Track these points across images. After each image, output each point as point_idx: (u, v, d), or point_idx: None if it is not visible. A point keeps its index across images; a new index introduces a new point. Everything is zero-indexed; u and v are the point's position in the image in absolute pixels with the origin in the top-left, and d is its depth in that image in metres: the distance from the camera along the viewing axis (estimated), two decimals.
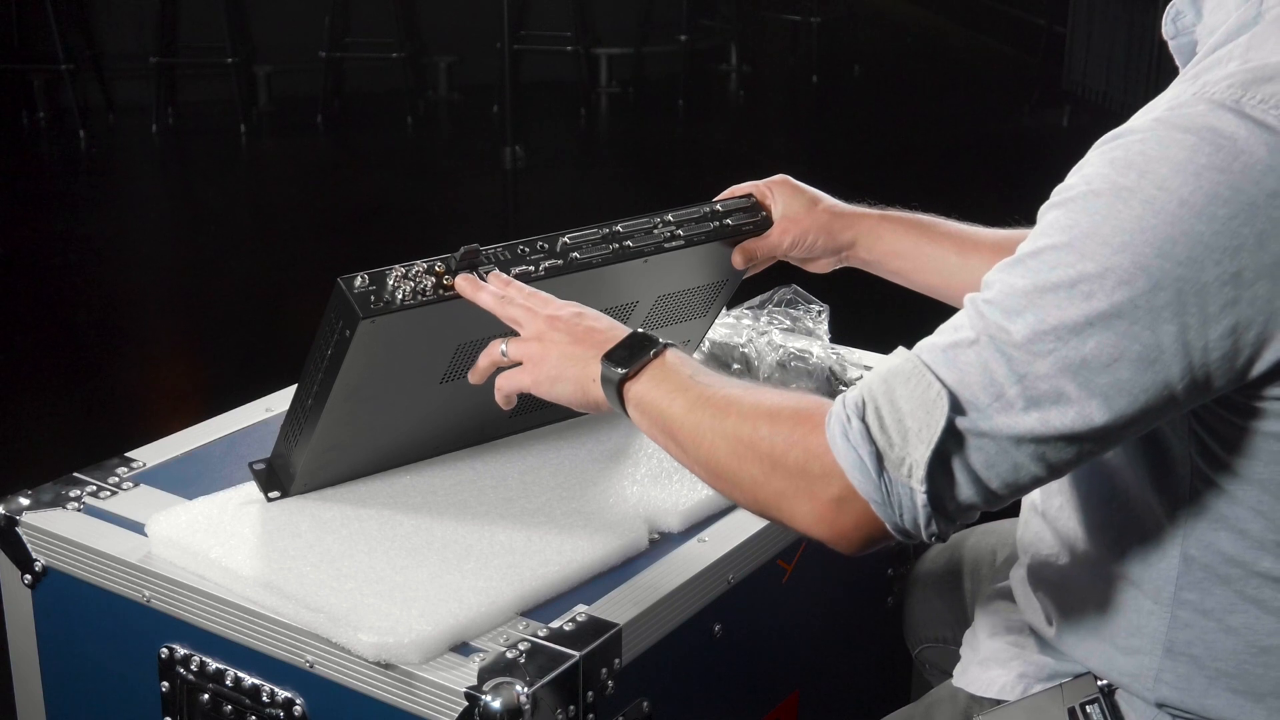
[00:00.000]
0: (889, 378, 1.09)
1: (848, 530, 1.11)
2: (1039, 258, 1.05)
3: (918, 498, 1.06)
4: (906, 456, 1.06)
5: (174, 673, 1.40)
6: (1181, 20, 1.19)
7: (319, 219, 5.68)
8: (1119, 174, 1.02)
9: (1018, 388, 1.03)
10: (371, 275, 1.32)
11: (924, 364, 1.07)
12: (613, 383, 1.25)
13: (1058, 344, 1.02)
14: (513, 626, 1.29)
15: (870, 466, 1.07)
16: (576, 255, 1.45)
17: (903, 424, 1.06)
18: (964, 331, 1.07)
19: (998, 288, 1.07)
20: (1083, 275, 1.02)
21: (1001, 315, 1.05)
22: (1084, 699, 1.24)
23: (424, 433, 1.53)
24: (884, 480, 1.07)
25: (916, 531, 1.09)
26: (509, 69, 6.17)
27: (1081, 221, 1.03)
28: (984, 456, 1.05)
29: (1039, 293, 1.03)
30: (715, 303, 1.69)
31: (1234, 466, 1.10)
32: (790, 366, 1.81)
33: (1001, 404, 1.04)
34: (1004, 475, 1.06)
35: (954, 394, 1.05)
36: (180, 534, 1.40)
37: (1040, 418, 1.03)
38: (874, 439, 1.07)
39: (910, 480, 1.06)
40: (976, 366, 1.05)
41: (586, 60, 7.46)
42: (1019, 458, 1.05)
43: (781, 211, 1.60)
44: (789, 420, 1.14)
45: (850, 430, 1.09)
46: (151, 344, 4.58)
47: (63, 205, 5.85)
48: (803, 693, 1.64)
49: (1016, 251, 1.07)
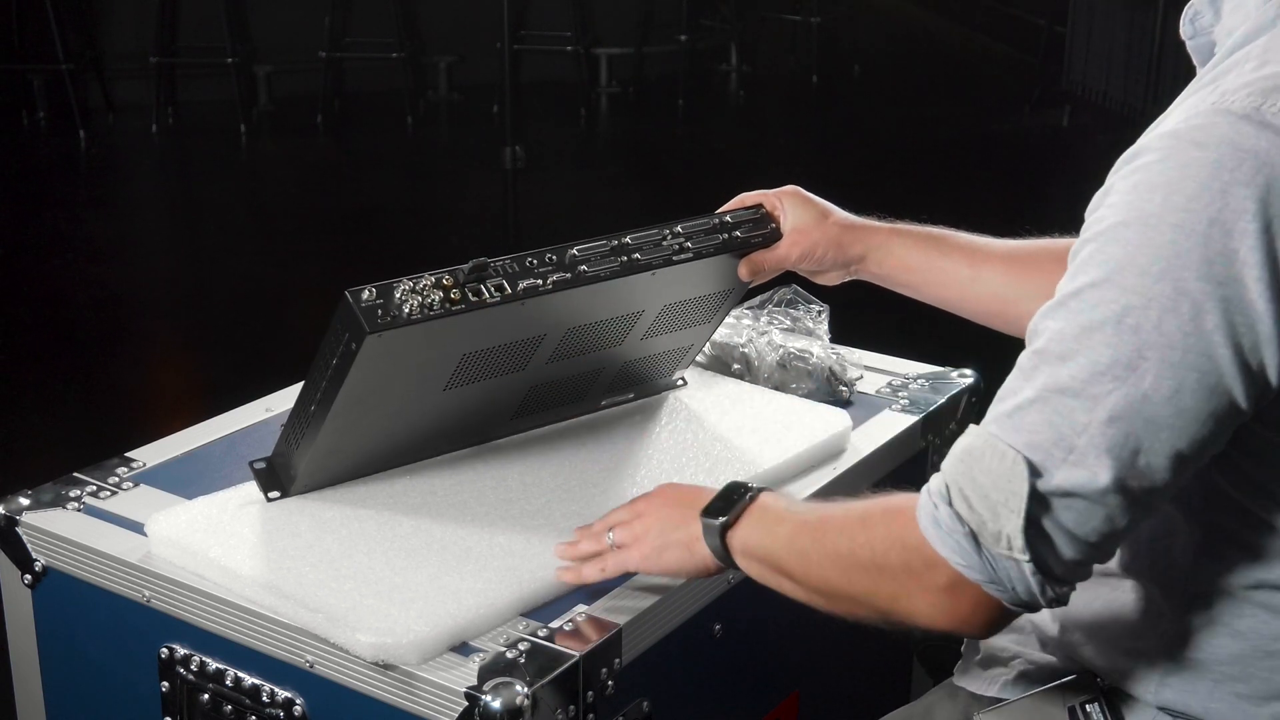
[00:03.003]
0: (964, 457, 1.09)
1: (968, 615, 1.11)
2: (1080, 298, 1.04)
3: (1024, 568, 1.06)
4: (1002, 530, 1.05)
5: (174, 673, 1.40)
6: (1200, 21, 1.19)
7: (319, 219, 5.68)
8: (1144, 200, 1.01)
9: (1086, 436, 1.02)
10: (379, 288, 1.32)
11: (994, 435, 1.07)
12: (715, 533, 1.26)
13: (1116, 384, 1.01)
14: (513, 626, 1.29)
15: (969, 548, 1.07)
16: (585, 268, 1.44)
17: (989, 499, 1.05)
18: (1023, 392, 1.06)
19: (1045, 336, 1.06)
20: (1127, 309, 1.01)
21: (1055, 362, 1.04)
22: (1084, 699, 1.24)
23: (425, 435, 1.53)
24: (985, 558, 1.07)
25: (1034, 600, 1.08)
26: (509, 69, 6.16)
27: (1116, 254, 1.02)
28: (1074, 514, 1.05)
29: (1086, 334, 1.03)
30: (720, 311, 1.69)
31: (1252, 477, 1.10)
32: (790, 366, 1.81)
33: (1075, 457, 1.03)
34: (1099, 528, 1.05)
35: (1028, 458, 1.04)
36: (180, 534, 1.40)
37: (1114, 463, 1.02)
38: (965, 520, 1.07)
39: (1012, 552, 1.05)
40: (1042, 424, 1.04)
41: (586, 60, 7.46)
42: (1108, 508, 1.04)
43: (791, 224, 1.59)
44: (881, 520, 1.15)
45: (940, 517, 1.09)
46: (151, 344, 4.57)
47: (63, 205, 5.85)
48: (803, 693, 1.64)
49: (1056, 293, 1.07)
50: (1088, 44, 7.01)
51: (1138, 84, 6.40)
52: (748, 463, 1.57)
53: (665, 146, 6.99)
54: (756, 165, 6.27)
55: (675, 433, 1.65)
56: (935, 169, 6.30)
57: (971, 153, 6.62)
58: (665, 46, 7.63)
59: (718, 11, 8.00)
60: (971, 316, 1.60)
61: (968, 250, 1.58)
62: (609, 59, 7.62)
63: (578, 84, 7.36)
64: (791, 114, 7.79)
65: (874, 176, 6.03)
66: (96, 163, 6.48)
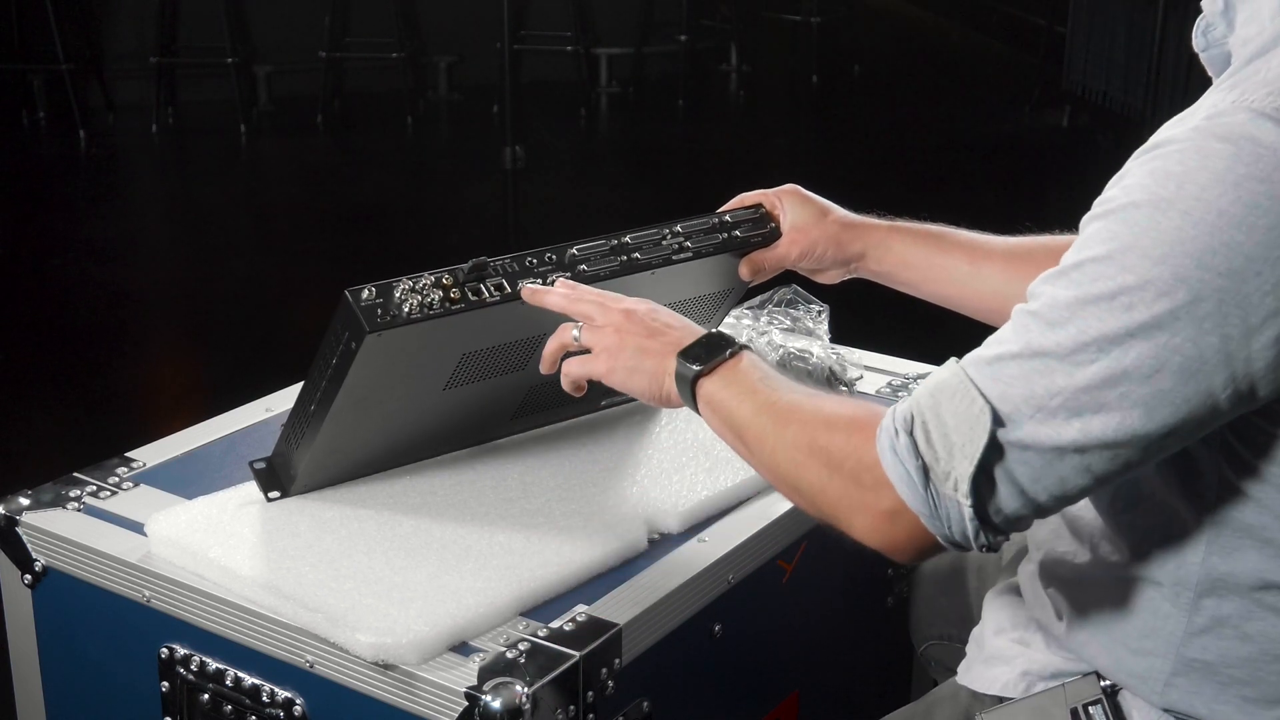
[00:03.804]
0: (935, 392, 1.11)
1: (900, 541, 1.13)
2: (1081, 270, 1.05)
3: (964, 511, 1.08)
4: (952, 471, 1.07)
5: (174, 673, 1.40)
6: (1213, 33, 1.19)
7: (319, 219, 5.68)
8: (1158, 185, 1.02)
9: (1059, 399, 1.04)
10: (379, 287, 1.32)
11: (969, 378, 1.09)
12: (686, 380, 1.27)
13: (1099, 355, 1.03)
14: (513, 626, 1.29)
15: (917, 481, 1.09)
16: (584, 267, 1.44)
17: (948, 439, 1.08)
18: (1008, 344, 1.08)
19: (1043, 299, 1.07)
20: (1123, 287, 1.02)
21: (1044, 327, 1.06)
22: (1087, 700, 1.24)
23: (426, 435, 1.53)
24: (930, 494, 1.09)
25: (966, 543, 1.10)
26: (509, 69, 6.17)
27: (1122, 233, 1.03)
28: (1028, 469, 1.06)
29: (1081, 305, 1.04)
30: (720, 310, 1.69)
31: (1264, 474, 1.10)
32: (790, 366, 1.81)
33: (1043, 415, 1.05)
34: (1049, 487, 1.07)
35: (996, 408, 1.06)
36: (180, 534, 1.40)
37: (1082, 428, 1.04)
38: (920, 453, 1.09)
39: (956, 494, 1.07)
40: (1019, 379, 1.06)
41: (586, 60, 7.46)
42: (1063, 469, 1.06)
43: (790, 222, 1.59)
44: (845, 428, 1.16)
45: (898, 444, 1.10)
46: (151, 344, 4.58)
47: (63, 205, 5.85)
48: (803, 693, 1.64)
49: (1061, 261, 1.08)
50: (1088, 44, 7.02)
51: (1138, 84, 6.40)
52: None
53: (665, 146, 6.99)
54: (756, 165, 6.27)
55: (675, 433, 1.66)
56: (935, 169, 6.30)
57: (971, 153, 6.62)
58: (665, 46, 7.64)
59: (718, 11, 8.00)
60: (971, 314, 1.60)
61: (967, 247, 1.58)
62: (609, 59, 7.63)
63: (578, 84, 7.37)
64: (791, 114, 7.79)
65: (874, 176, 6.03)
66: (96, 163, 6.48)
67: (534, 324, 1.44)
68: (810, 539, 1.57)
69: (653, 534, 1.46)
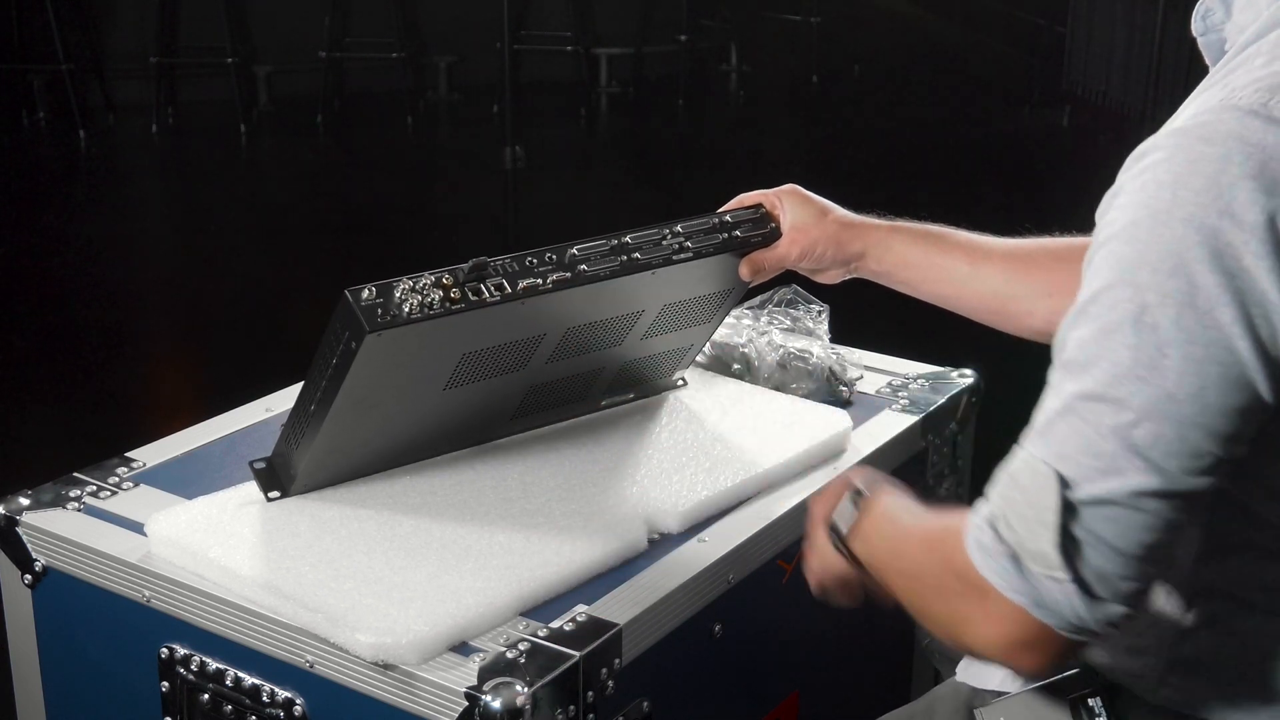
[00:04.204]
0: (1006, 480, 1.07)
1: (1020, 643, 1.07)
2: (1097, 302, 1.03)
3: (1066, 587, 1.03)
4: (1039, 548, 1.03)
5: (174, 673, 1.40)
6: (1211, 18, 1.18)
7: (319, 219, 5.68)
8: (1153, 197, 1.00)
9: (1114, 440, 1.00)
10: (379, 287, 1.32)
11: (1029, 453, 1.05)
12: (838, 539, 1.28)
13: (1139, 384, 1.00)
14: (513, 626, 1.29)
15: (1012, 570, 1.05)
16: (584, 267, 1.44)
17: (1024, 516, 1.04)
18: (1051, 404, 1.05)
19: (1070, 346, 1.05)
20: (1144, 307, 0.99)
21: (1078, 371, 1.03)
22: (1085, 694, 1.24)
23: (426, 435, 1.53)
24: (1028, 580, 1.04)
25: (1084, 624, 1.04)
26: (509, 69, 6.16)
27: (1128, 253, 1.01)
28: (1112, 525, 1.02)
29: (1106, 336, 1.01)
30: (721, 310, 1.69)
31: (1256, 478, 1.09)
32: (790, 366, 1.81)
33: (1103, 463, 1.01)
34: (1140, 538, 1.02)
35: (1058, 470, 1.02)
36: (180, 534, 1.40)
37: (1146, 465, 1.00)
38: (1005, 540, 1.05)
39: (1050, 571, 1.03)
40: (1071, 433, 1.02)
41: (586, 60, 7.46)
42: (1146, 513, 1.01)
43: (790, 222, 1.59)
44: (940, 545, 1.14)
45: (984, 539, 1.07)
46: (151, 344, 4.58)
47: (63, 205, 5.85)
48: (803, 693, 1.64)
49: (1077, 301, 1.05)
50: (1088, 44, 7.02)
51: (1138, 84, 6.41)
52: (748, 463, 1.57)
53: (665, 146, 6.99)
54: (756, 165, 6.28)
55: (675, 433, 1.65)
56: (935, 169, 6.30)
57: (971, 153, 6.62)
58: (665, 46, 7.64)
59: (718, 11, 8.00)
60: (971, 314, 1.60)
61: (967, 248, 1.58)
62: (609, 59, 7.63)
63: (578, 84, 7.36)
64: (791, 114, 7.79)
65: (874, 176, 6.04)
66: (96, 163, 6.48)
67: (534, 324, 1.44)
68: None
69: (653, 534, 1.46)
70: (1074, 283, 1.51)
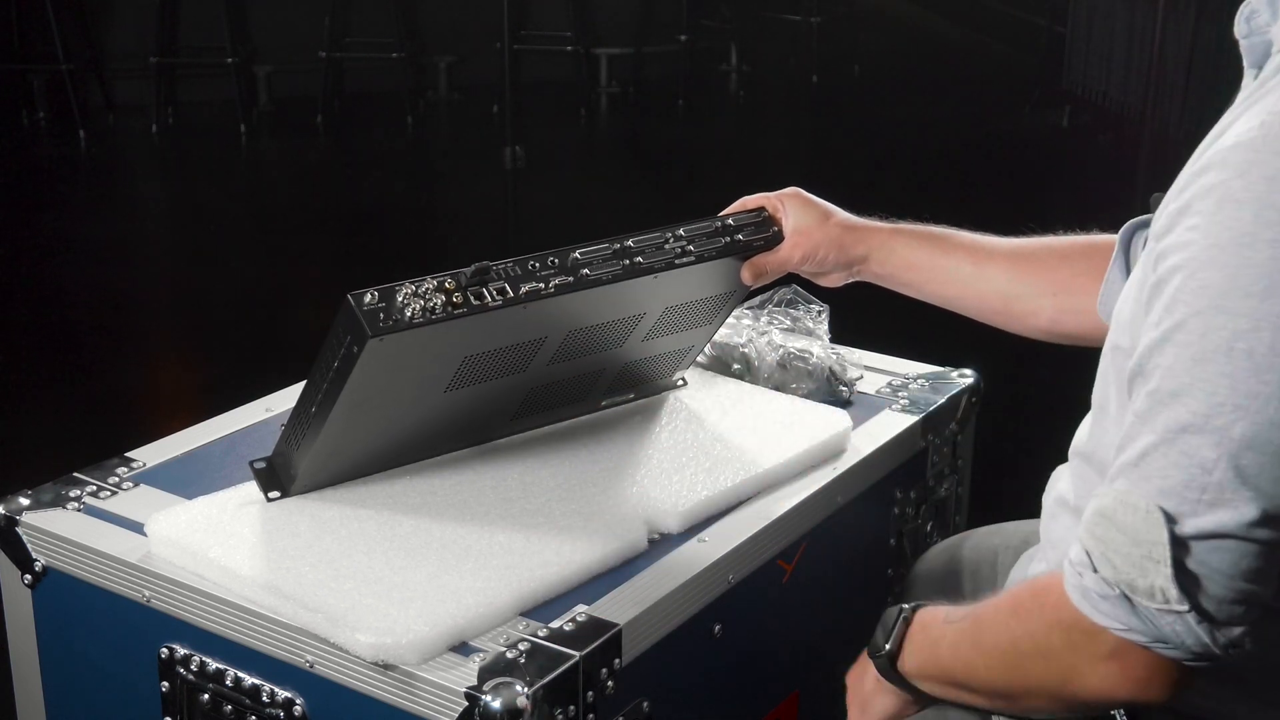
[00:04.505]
0: (1098, 520, 1.05)
1: (1144, 679, 1.07)
2: (1185, 329, 1.00)
3: (1187, 619, 1.02)
4: (1153, 584, 1.01)
5: (174, 673, 1.40)
6: (1256, 20, 1.15)
7: (319, 219, 5.68)
8: (1232, 218, 0.98)
9: (1219, 472, 0.99)
10: (381, 292, 1.31)
11: (1122, 490, 1.04)
12: (886, 667, 1.27)
13: (1238, 414, 0.98)
14: (512, 626, 1.29)
15: (1124, 610, 1.04)
16: (587, 272, 1.43)
17: (1131, 555, 1.02)
18: (1144, 437, 1.03)
19: (1157, 375, 1.02)
20: (1237, 334, 0.97)
21: (1171, 402, 1.00)
22: None
23: (426, 436, 1.53)
24: (1144, 617, 1.03)
25: (1207, 650, 1.04)
26: (509, 69, 6.17)
27: (1215, 279, 0.98)
28: (1224, 555, 1.00)
29: (1199, 365, 0.99)
30: (722, 312, 1.68)
31: None
32: (790, 366, 1.81)
33: (1211, 495, 0.99)
34: (1254, 566, 1.01)
35: (1161, 506, 1.01)
36: (180, 534, 1.40)
37: (1255, 495, 0.99)
38: (1113, 583, 1.04)
39: (1170, 605, 1.01)
40: (1170, 468, 1.01)
41: (586, 60, 7.46)
42: (1260, 543, 1.00)
43: (793, 225, 1.59)
44: (1032, 607, 1.13)
45: (1087, 585, 1.06)
46: (151, 344, 4.58)
47: (63, 205, 5.85)
48: (803, 693, 1.64)
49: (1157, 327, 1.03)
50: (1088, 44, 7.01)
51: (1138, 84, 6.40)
52: (748, 463, 1.57)
53: (665, 146, 6.99)
54: (756, 165, 6.28)
55: (675, 433, 1.65)
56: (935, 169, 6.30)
57: (971, 153, 6.62)
58: (665, 46, 7.63)
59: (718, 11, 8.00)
60: (975, 315, 1.60)
61: (970, 249, 1.58)
62: (609, 59, 7.63)
63: (578, 84, 7.36)
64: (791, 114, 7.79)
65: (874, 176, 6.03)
66: (96, 163, 6.48)
67: (536, 327, 1.44)
68: (810, 539, 1.57)
69: (653, 534, 1.46)
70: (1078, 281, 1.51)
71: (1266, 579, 1.02)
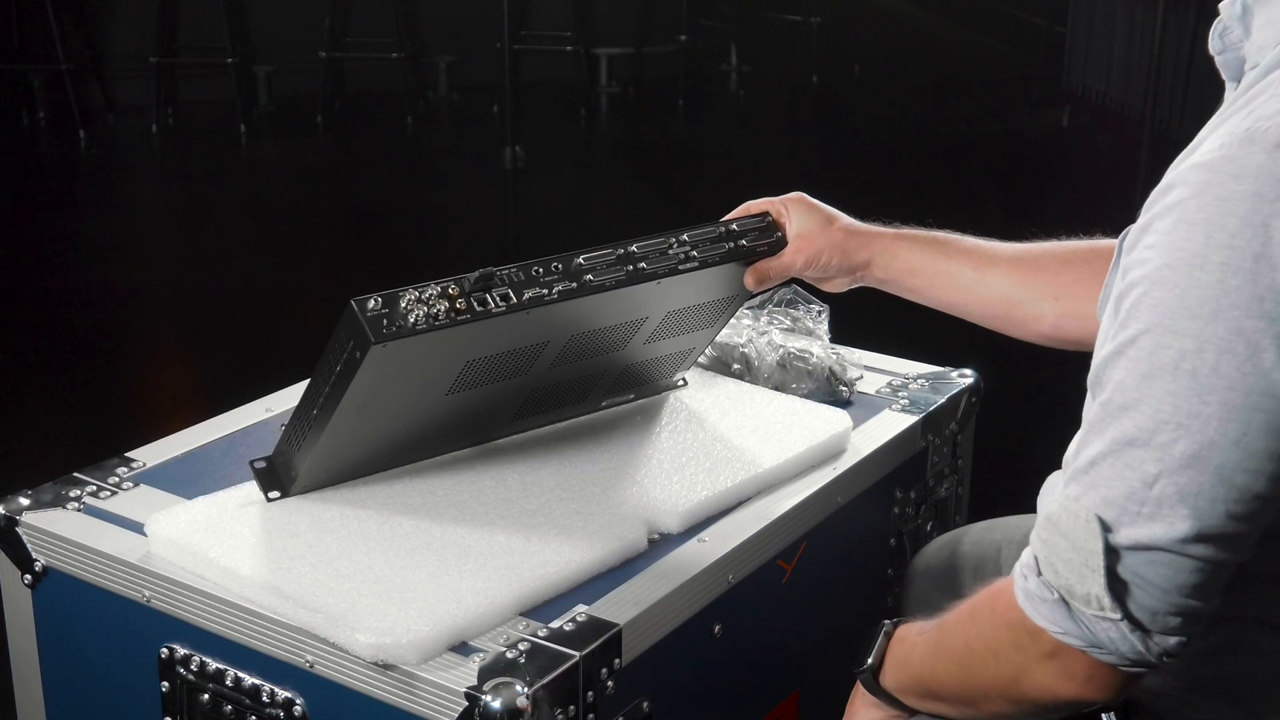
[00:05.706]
0: (1046, 524, 1.07)
1: (1083, 680, 1.08)
2: (1136, 345, 1.01)
3: (1120, 627, 1.04)
4: (1089, 591, 1.03)
5: (174, 673, 1.40)
6: (1229, 36, 1.15)
7: (319, 219, 5.68)
8: (1185, 239, 0.99)
9: (1159, 488, 1.00)
10: (384, 297, 1.31)
11: (1069, 497, 1.05)
12: (871, 683, 1.29)
13: (1181, 432, 0.99)
14: (512, 626, 1.29)
15: (1062, 614, 1.06)
16: (591, 277, 1.43)
17: (1070, 561, 1.04)
18: (1093, 445, 1.04)
19: (1109, 386, 1.03)
20: (1182, 354, 0.98)
21: (1120, 415, 1.02)
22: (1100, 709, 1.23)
23: (427, 437, 1.53)
24: (1080, 622, 1.05)
25: (1142, 658, 1.05)
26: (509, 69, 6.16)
27: (1165, 298, 0.99)
28: (1159, 568, 1.02)
29: (1146, 381, 1.00)
30: (724, 315, 1.68)
31: None
32: (790, 366, 1.81)
33: (1149, 509, 1.01)
34: (1189, 580, 1.02)
35: (1100, 515, 1.02)
36: (180, 534, 1.40)
37: (1190, 512, 1.00)
38: (1054, 586, 1.06)
39: (1104, 612, 1.03)
40: (1114, 477, 1.02)
41: (586, 60, 7.46)
42: (1193, 559, 1.01)
43: (796, 230, 1.59)
44: (985, 609, 1.15)
45: (1030, 588, 1.08)
46: (151, 344, 4.58)
47: (63, 205, 5.85)
48: (803, 693, 1.64)
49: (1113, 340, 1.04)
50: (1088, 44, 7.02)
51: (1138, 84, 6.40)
52: (748, 463, 1.57)
53: (665, 146, 6.99)
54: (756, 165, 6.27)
55: (675, 433, 1.66)
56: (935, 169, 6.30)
57: (971, 153, 6.62)
58: (665, 46, 7.64)
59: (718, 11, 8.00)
60: (977, 320, 1.60)
61: (973, 253, 1.58)
62: (609, 59, 7.63)
63: (578, 84, 7.36)
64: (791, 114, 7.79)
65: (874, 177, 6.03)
66: (96, 163, 6.48)
67: (539, 332, 1.44)
68: (810, 539, 1.57)
69: (653, 534, 1.46)
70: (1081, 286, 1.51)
71: (1206, 594, 1.03)
